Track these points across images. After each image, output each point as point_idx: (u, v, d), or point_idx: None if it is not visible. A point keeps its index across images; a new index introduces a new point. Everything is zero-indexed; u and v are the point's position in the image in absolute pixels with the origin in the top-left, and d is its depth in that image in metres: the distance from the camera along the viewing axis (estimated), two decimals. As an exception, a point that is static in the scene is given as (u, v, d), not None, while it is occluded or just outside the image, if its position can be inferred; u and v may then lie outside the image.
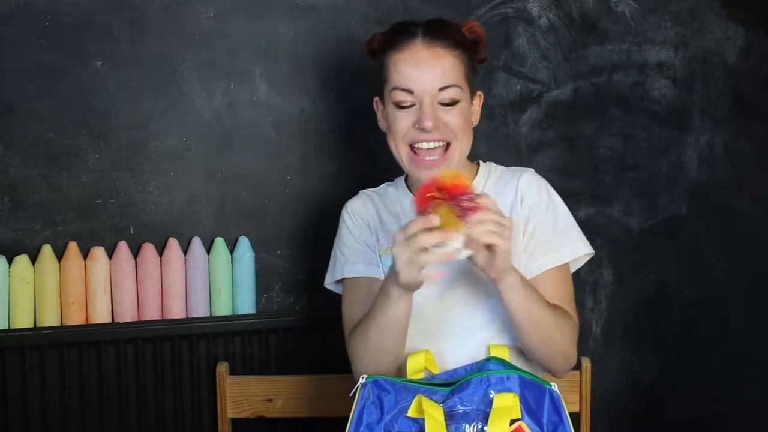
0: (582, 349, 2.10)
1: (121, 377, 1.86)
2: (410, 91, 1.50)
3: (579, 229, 1.60)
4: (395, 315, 1.42)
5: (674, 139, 2.13)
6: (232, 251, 1.91)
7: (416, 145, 1.51)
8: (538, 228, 1.55)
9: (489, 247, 1.33)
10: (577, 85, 2.06)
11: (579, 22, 2.05)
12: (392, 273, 1.36)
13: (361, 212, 1.64)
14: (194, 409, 1.91)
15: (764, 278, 2.11)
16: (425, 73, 1.49)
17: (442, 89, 1.49)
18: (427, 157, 1.51)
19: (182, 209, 1.89)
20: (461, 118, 1.51)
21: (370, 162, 1.91)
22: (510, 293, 1.39)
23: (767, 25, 2.08)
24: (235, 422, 1.88)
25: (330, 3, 1.91)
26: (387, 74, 1.53)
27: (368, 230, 1.63)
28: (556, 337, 1.46)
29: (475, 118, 1.59)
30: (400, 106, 1.51)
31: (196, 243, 1.89)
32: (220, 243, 1.90)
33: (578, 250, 1.57)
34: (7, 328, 1.79)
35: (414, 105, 1.50)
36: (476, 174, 1.62)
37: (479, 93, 1.60)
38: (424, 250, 1.30)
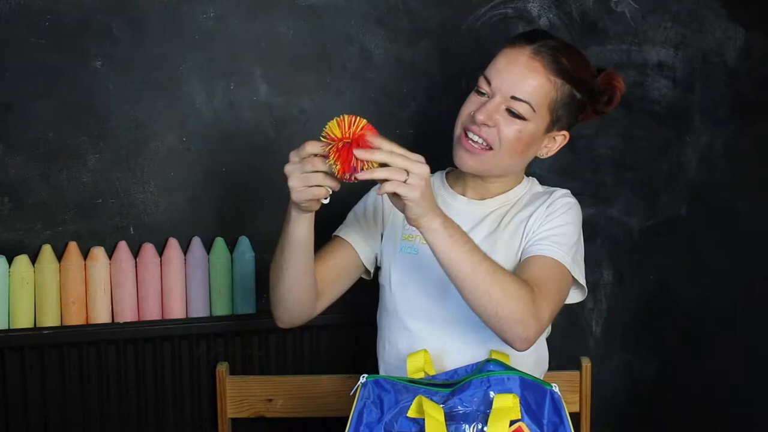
0: (582, 349, 2.12)
1: (121, 377, 1.86)
2: (489, 82, 1.52)
3: (583, 269, 1.59)
4: (293, 234, 1.43)
5: (674, 139, 2.13)
6: (232, 251, 1.91)
7: (468, 133, 1.53)
8: (554, 228, 1.54)
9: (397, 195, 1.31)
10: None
11: (579, 22, 2.05)
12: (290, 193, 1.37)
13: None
14: (194, 409, 1.91)
15: (764, 278, 2.11)
16: (510, 75, 1.50)
17: (513, 98, 1.50)
18: (470, 142, 1.53)
19: (182, 209, 1.89)
20: (516, 136, 1.50)
21: (370, 162, 1.91)
22: (431, 238, 1.35)
23: (767, 25, 2.08)
24: (235, 422, 1.89)
25: (330, 3, 1.91)
26: None
27: (387, 214, 1.65)
28: (498, 295, 1.36)
29: (545, 153, 1.59)
30: (477, 91, 1.54)
31: (196, 243, 1.89)
32: (220, 243, 1.90)
33: (576, 273, 1.55)
34: (7, 328, 1.79)
35: (486, 96, 1.52)
36: (518, 185, 1.64)
37: (564, 133, 1.58)
38: (315, 172, 1.31)
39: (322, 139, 1.30)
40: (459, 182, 1.65)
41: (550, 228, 1.54)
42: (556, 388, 1.37)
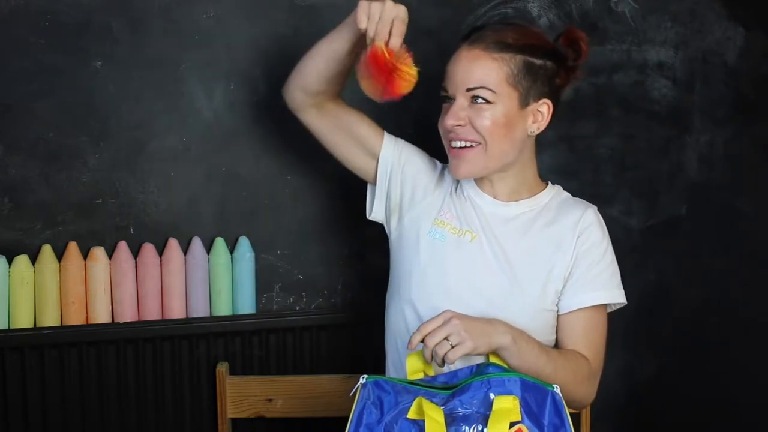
0: (582, 349, 2.11)
1: (121, 377, 1.86)
2: (446, 89, 1.58)
3: (619, 277, 1.63)
4: (336, 37, 1.54)
5: (674, 139, 2.13)
6: (232, 251, 1.91)
7: (451, 143, 1.58)
8: (585, 269, 1.59)
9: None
10: (577, 85, 2.05)
11: (579, 22, 2.05)
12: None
13: (446, 174, 1.70)
14: (194, 409, 1.91)
15: (764, 278, 2.11)
16: (457, 73, 1.56)
17: (469, 90, 1.54)
18: (456, 148, 1.57)
19: (182, 209, 1.89)
20: (490, 121, 1.54)
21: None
22: (502, 355, 1.46)
23: (767, 25, 2.08)
24: (235, 422, 1.89)
25: (330, 3, 1.91)
26: None
27: (426, 191, 1.67)
28: (563, 387, 1.43)
29: (537, 128, 1.59)
30: (444, 101, 1.60)
31: (196, 243, 1.89)
32: (220, 243, 1.90)
33: (615, 298, 1.61)
34: (7, 328, 1.79)
35: (451, 101, 1.57)
36: (543, 191, 1.65)
37: (545, 101, 1.58)
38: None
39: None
40: (478, 180, 1.66)
41: (587, 276, 1.58)
42: (557, 390, 1.37)
